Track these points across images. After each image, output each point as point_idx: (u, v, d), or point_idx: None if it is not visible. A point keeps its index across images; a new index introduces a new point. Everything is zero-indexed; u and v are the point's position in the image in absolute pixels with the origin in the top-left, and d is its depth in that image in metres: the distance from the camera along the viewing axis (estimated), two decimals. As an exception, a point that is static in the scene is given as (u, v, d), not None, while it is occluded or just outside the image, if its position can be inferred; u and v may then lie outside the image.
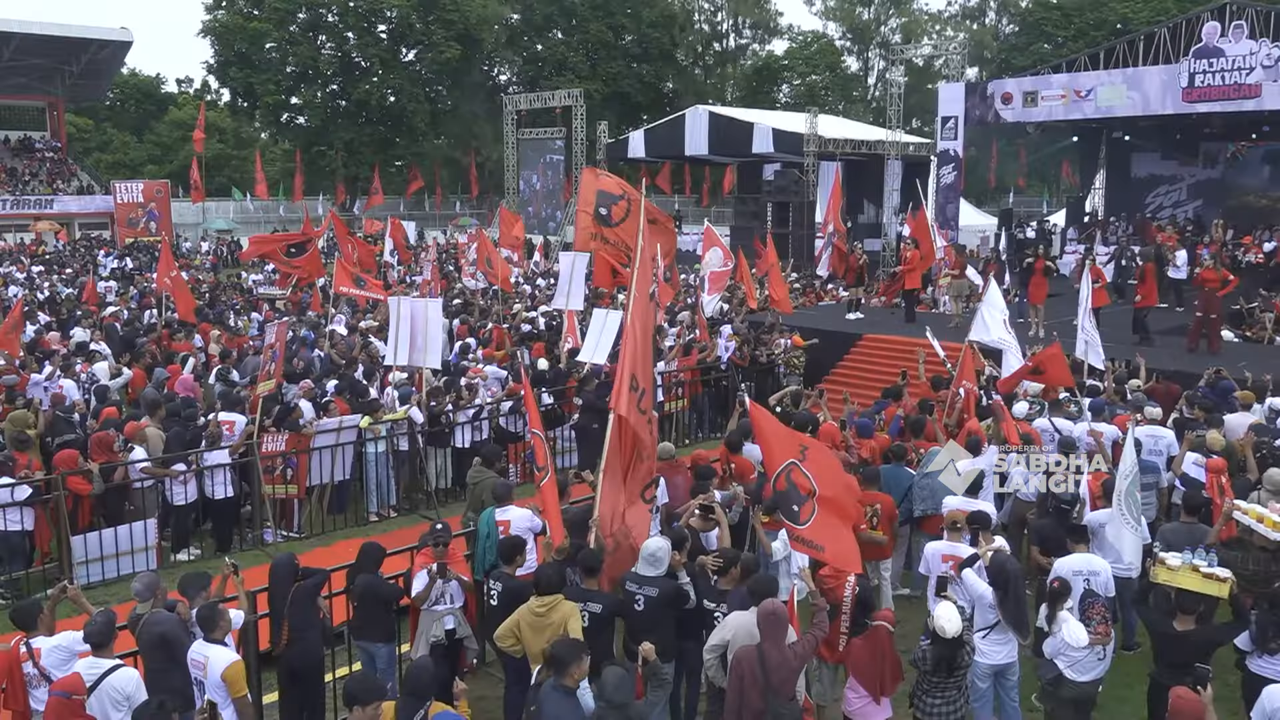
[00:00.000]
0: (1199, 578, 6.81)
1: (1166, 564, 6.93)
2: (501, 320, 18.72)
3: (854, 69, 70.19)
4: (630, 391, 7.44)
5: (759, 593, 6.32)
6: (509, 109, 43.16)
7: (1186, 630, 6.64)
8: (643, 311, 7.89)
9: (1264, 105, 23.40)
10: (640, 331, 7.80)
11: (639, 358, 7.66)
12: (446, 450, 12.90)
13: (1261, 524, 7.42)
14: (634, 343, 7.71)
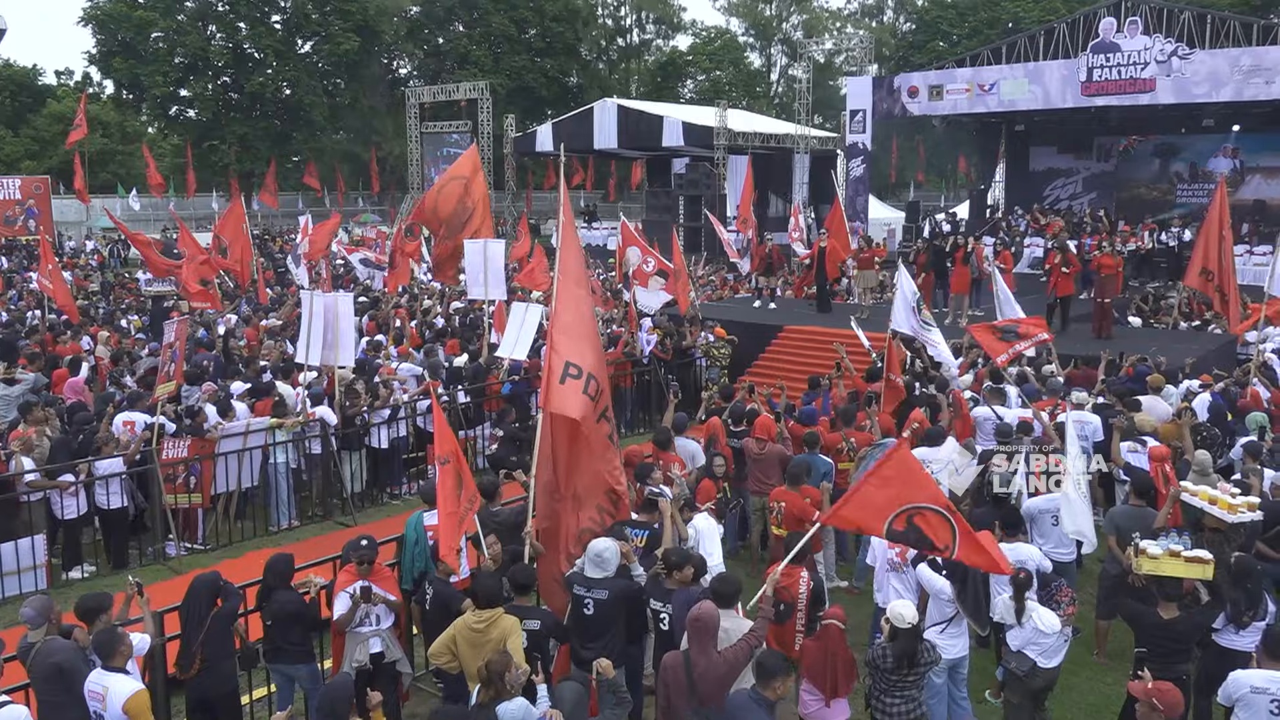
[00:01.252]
0: (1182, 563, 6.74)
1: (1148, 553, 6.84)
2: (413, 317, 18.07)
3: (757, 65, 70.78)
4: (571, 380, 6.94)
5: (725, 594, 6.02)
6: (411, 102, 42.19)
7: (1173, 619, 6.55)
8: (573, 298, 7.43)
9: (1158, 99, 24.22)
10: (575, 318, 7.33)
11: (575, 344, 7.15)
12: (362, 453, 12.28)
13: (1214, 506, 7.41)
14: (566, 330, 7.20)
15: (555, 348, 7.08)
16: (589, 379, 7.00)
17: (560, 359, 7.02)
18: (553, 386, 6.96)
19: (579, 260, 7.91)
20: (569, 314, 7.31)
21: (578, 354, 7.06)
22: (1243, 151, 30.05)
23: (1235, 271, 16.51)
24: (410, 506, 12.00)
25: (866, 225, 28.34)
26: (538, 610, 6.69)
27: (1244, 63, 22.80)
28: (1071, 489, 7.66)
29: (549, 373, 7.02)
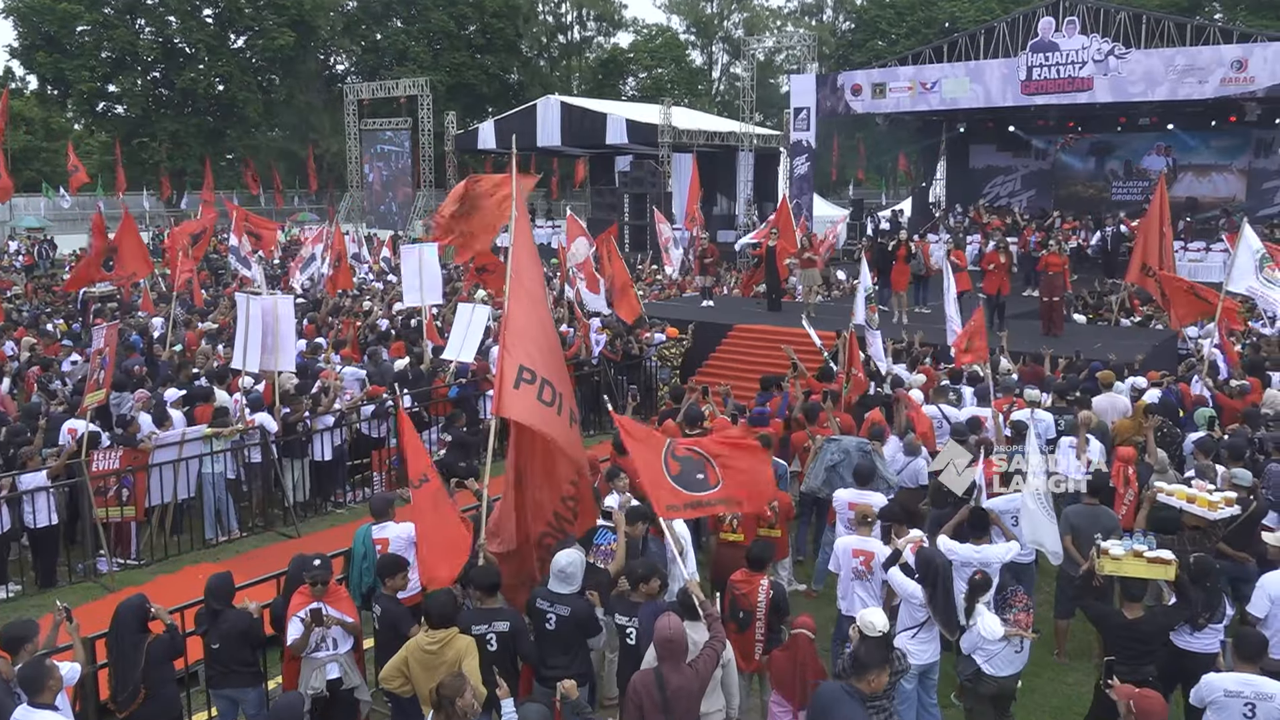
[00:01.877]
0: (1144, 563, 6.71)
1: (1110, 554, 6.79)
2: (355, 319, 17.59)
3: (698, 63, 70.83)
4: (525, 385, 6.64)
5: (691, 605, 5.83)
6: (349, 99, 41.40)
7: (1137, 619, 6.52)
8: (527, 299, 7.11)
9: (1096, 98, 24.58)
10: (529, 320, 7.02)
11: (529, 348, 6.85)
12: (304, 461, 11.86)
13: (1193, 504, 7.39)
14: (519, 333, 6.89)
15: (508, 350, 6.79)
16: (543, 384, 6.71)
17: (513, 363, 6.72)
18: (505, 391, 6.66)
19: (534, 261, 7.61)
20: (523, 316, 7.01)
21: (531, 357, 6.78)
22: (1175, 150, 30.71)
23: (1175, 268, 16.83)
24: (355, 516, 11.68)
25: (812, 223, 28.38)
26: (506, 611, 6.39)
27: (1178, 62, 23.22)
28: (1030, 500, 7.55)
29: (501, 377, 6.72)
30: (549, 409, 6.71)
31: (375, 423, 12.71)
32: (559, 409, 6.77)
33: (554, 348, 7.20)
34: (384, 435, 12.78)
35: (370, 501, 7.81)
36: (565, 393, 6.97)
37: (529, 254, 7.47)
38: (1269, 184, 29.25)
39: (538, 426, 6.69)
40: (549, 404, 6.71)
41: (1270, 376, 12.97)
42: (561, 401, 6.80)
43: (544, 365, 6.80)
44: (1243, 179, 29.76)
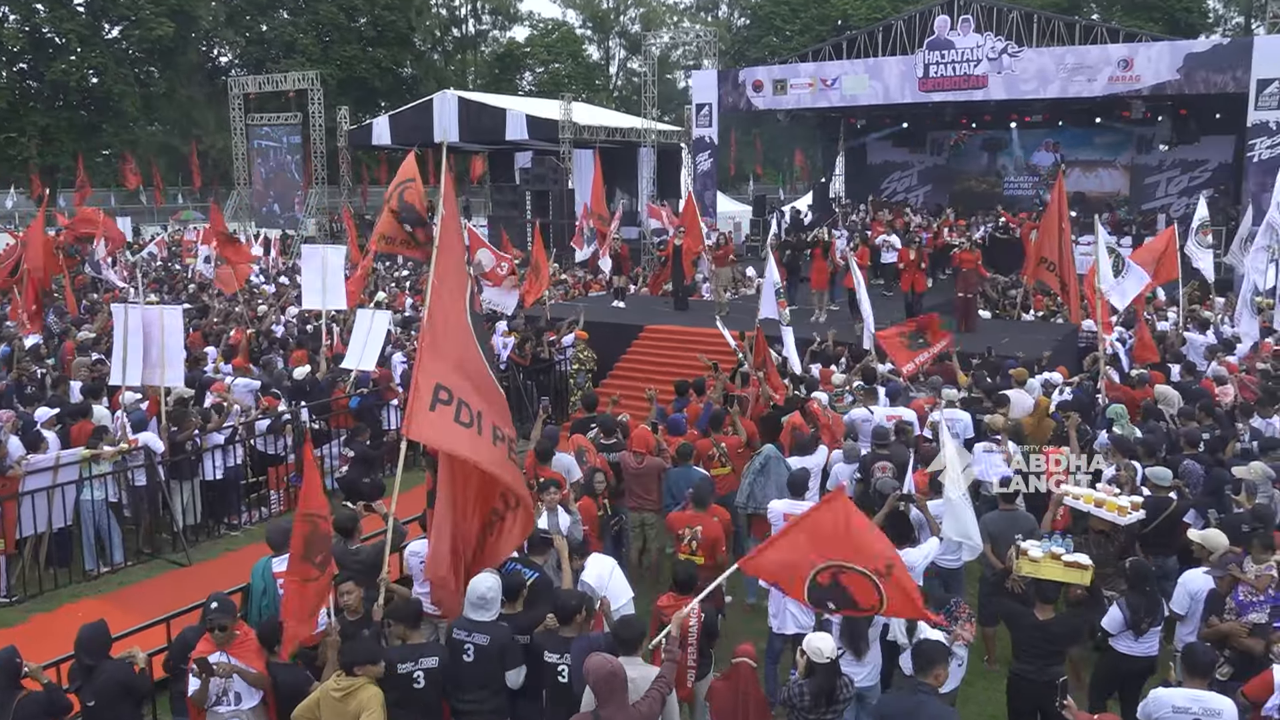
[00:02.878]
0: (1061, 567, 6.67)
1: (1029, 555, 6.70)
2: (247, 325, 16.68)
3: (596, 58, 70.39)
4: (441, 406, 6.12)
5: (629, 639, 5.44)
6: (234, 92, 39.68)
7: (1048, 620, 6.47)
8: (450, 309, 6.53)
9: (991, 95, 25.05)
10: (450, 334, 6.46)
11: (448, 364, 6.31)
12: (194, 481, 11.06)
13: (1102, 508, 7.33)
14: (438, 347, 6.35)
15: (424, 368, 6.23)
16: (460, 405, 6.19)
17: (429, 382, 6.17)
18: (417, 413, 6.11)
19: (460, 266, 6.97)
20: (443, 329, 6.45)
21: (450, 376, 6.25)
22: (1063, 146, 31.63)
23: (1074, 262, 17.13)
24: (252, 539, 10.98)
25: (715, 219, 28.30)
26: (435, 646, 5.96)
27: (1068, 61, 23.81)
28: (953, 490, 7.43)
29: (415, 396, 6.16)
30: (467, 430, 6.18)
31: (272, 438, 11.96)
32: (479, 429, 6.24)
33: (476, 363, 6.59)
34: (281, 451, 12.05)
35: (268, 532, 7.18)
36: (489, 410, 6.43)
37: (455, 260, 6.87)
38: (1150, 179, 30.36)
39: (455, 451, 6.20)
40: (467, 425, 6.18)
41: (1170, 369, 13.26)
42: (481, 421, 6.27)
43: (464, 383, 6.27)
44: (1126, 174, 30.83)
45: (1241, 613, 6.61)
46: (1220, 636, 6.51)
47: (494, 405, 6.57)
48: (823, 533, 5.68)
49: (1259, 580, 6.62)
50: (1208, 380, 12.15)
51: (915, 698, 5.40)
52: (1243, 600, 6.65)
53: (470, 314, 6.67)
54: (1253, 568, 6.71)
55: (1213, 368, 12.70)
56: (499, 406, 6.67)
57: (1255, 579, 6.63)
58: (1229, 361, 13.32)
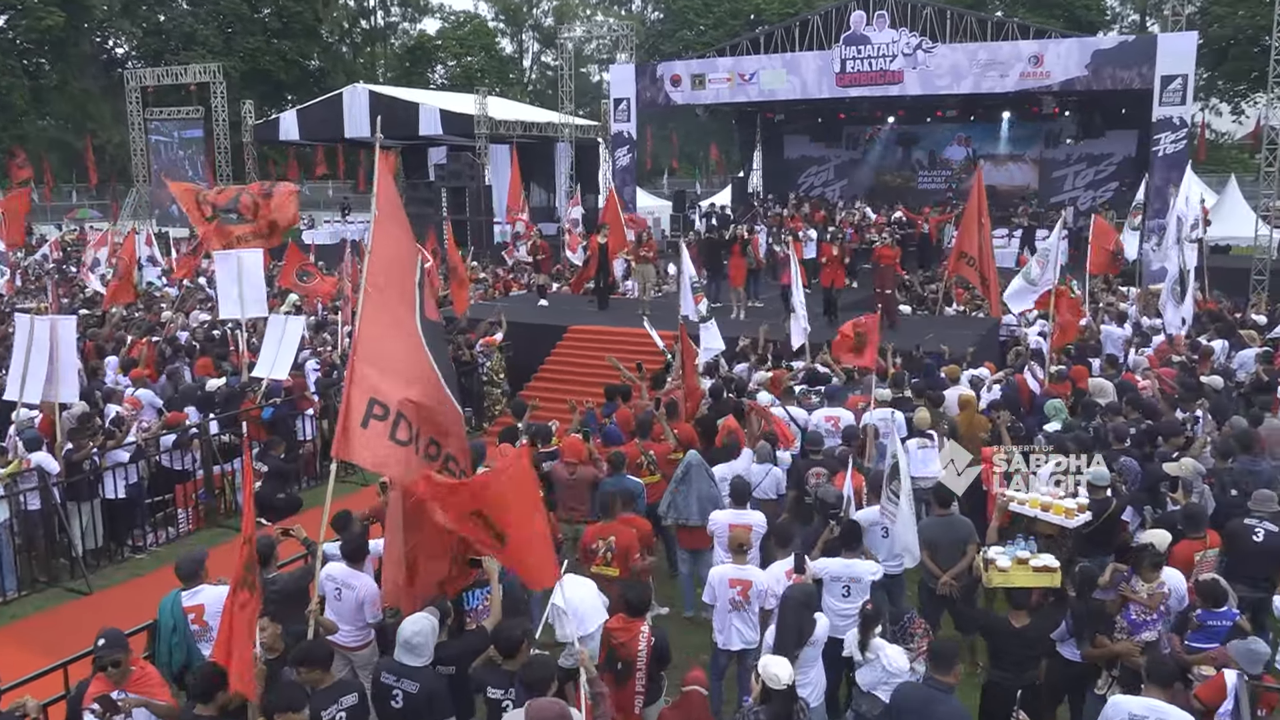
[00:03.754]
0: (1030, 572, 6.57)
1: (998, 565, 6.56)
2: (150, 333, 15.81)
3: (509, 51, 69.51)
4: (375, 422, 5.64)
5: (533, 683, 5.12)
6: (131, 85, 37.95)
7: (1024, 626, 6.39)
8: (386, 315, 5.99)
9: (906, 90, 25.26)
10: (386, 342, 5.93)
11: (385, 376, 5.80)
12: (94, 503, 10.36)
13: (1049, 512, 7.24)
14: (372, 358, 5.83)
15: (356, 380, 5.74)
16: (399, 420, 5.71)
17: (361, 395, 5.69)
18: (349, 430, 5.65)
19: (406, 270, 6.28)
20: (381, 337, 5.92)
21: (388, 388, 5.75)
22: (974, 140, 32.19)
23: (994, 256, 17.31)
24: (158, 561, 10.37)
25: (635, 213, 28.01)
26: (353, 683, 5.59)
27: (981, 57, 24.12)
28: (905, 501, 7.27)
29: (346, 412, 5.70)
30: (403, 449, 5.71)
31: (178, 453, 11.29)
32: (418, 447, 5.78)
33: (424, 374, 6.01)
34: (188, 467, 11.39)
35: (178, 563, 6.64)
36: (434, 429, 5.94)
37: (399, 264, 6.24)
38: (1058, 173, 31.10)
39: (386, 473, 5.79)
40: (404, 443, 5.71)
41: (1091, 364, 13.42)
42: (418, 437, 5.79)
43: (404, 397, 5.77)
44: (1035, 168, 31.52)
45: (1134, 632, 6.53)
46: (1112, 656, 6.43)
47: (442, 422, 6.05)
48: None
49: (1151, 599, 6.55)
50: (1129, 373, 12.29)
51: (928, 691, 5.49)
52: (1135, 619, 6.56)
53: (421, 320, 6.12)
54: (1143, 586, 6.62)
55: (1133, 359, 12.87)
56: (448, 424, 6.12)
57: (1148, 597, 6.56)
58: (1148, 354, 13.55)
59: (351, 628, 6.48)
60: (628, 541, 7.66)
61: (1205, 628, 6.51)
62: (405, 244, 6.42)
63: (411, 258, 6.39)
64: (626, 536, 7.67)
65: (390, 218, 6.31)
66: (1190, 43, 22.28)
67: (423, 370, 6.03)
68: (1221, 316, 16.65)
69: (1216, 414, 10.35)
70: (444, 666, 5.81)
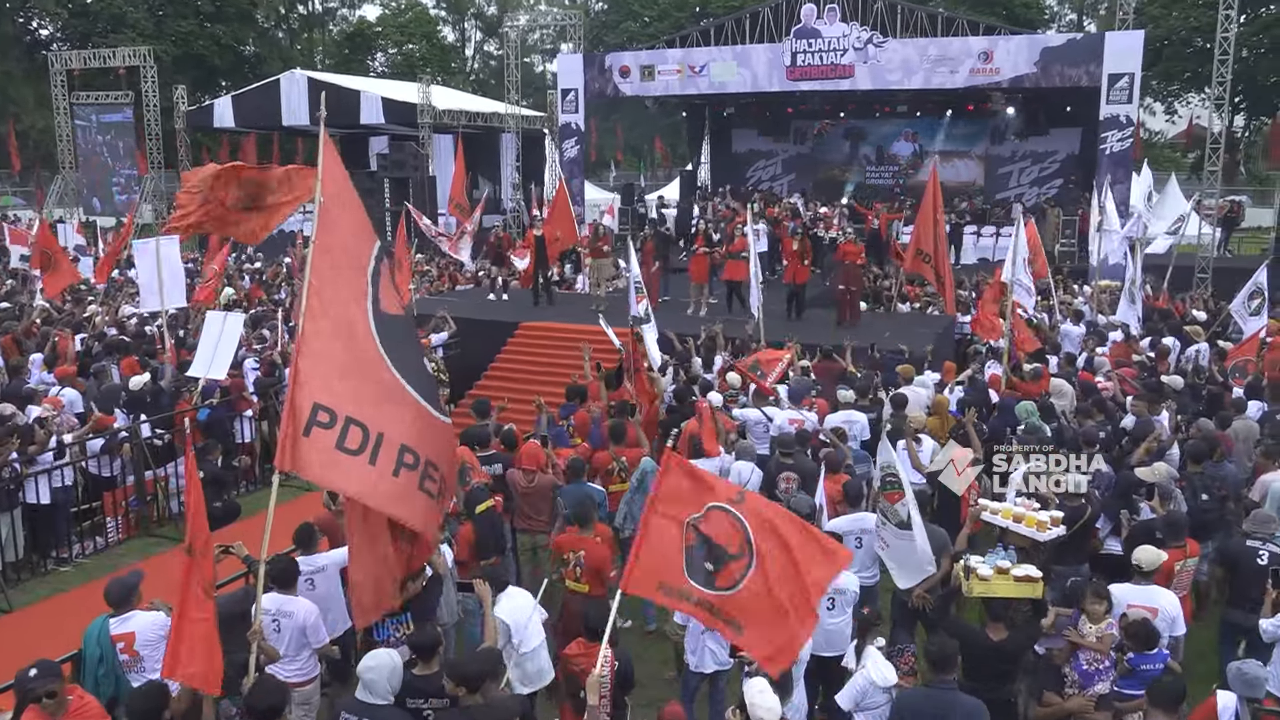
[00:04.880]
0: (1012, 582, 6.24)
1: (979, 574, 6.25)
2: (78, 329, 14.99)
3: (451, 39, 68.36)
4: (319, 430, 5.15)
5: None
6: (56, 68, 36.46)
7: (1003, 639, 6.07)
8: (336, 311, 5.47)
9: (857, 85, 25.13)
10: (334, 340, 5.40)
11: (331, 378, 5.31)
12: (14, 512, 9.67)
13: (1021, 524, 6.99)
14: (317, 356, 5.32)
15: (300, 384, 5.23)
16: (348, 425, 5.21)
17: (306, 399, 5.19)
18: (293, 440, 5.15)
19: (356, 264, 5.72)
20: (323, 333, 5.38)
21: (334, 391, 5.25)
22: (920, 136, 32.23)
23: (949, 253, 17.20)
24: (85, 575, 9.74)
25: (583, 209, 27.57)
26: None
27: (931, 53, 24.06)
28: (915, 511, 6.98)
29: (289, 417, 5.19)
30: (355, 459, 5.22)
31: (106, 458, 10.61)
32: (373, 456, 5.27)
33: (378, 373, 5.49)
34: (116, 474, 10.72)
35: (108, 588, 6.05)
36: (399, 430, 5.44)
37: (345, 252, 5.68)
38: (1003, 169, 31.27)
39: (334, 486, 5.33)
40: (355, 452, 5.22)
41: (1049, 360, 13.32)
42: (380, 446, 5.30)
43: (357, 399, 5.29)
44: (981, 164, 31.65)
45: (1085, 684, 6.11)
46: (1064, 714, 6.11)
47: (408, 423, 5.54)
48: (674, 497, 5.30)
49: (1101, 642, 6.13)
50: (1086, 373, 12.18)
51: (940, 693, 5.37)
52: (1086, 669, 6.14)
53: (374, 316, 5.59)
54: (1091, 629, 6.18)
55: (1095, 360, 12.78)
56: (415, 424, 5.59)
57: (1097, 641, 6.13)
58: (1103, 353, 13.50)
59: (293, 662, 5.96)
60: (601, 558, 7.28)
61: (1137, 672, 6.04)
62: (356, 231, 5.86)
63: (364, 246, 5.85)
64: (600, 553, 7.30)
65: (338, 202, 5.75)
66: (1137, 41, 22.44)
67: (375, 370, 5.51)
68: (1170, 314, 16.77)
69: (1180, 415, 10.27)
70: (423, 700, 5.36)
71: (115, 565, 9.99)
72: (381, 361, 5.55)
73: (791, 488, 8.51)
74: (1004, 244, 27.06)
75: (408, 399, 5.60)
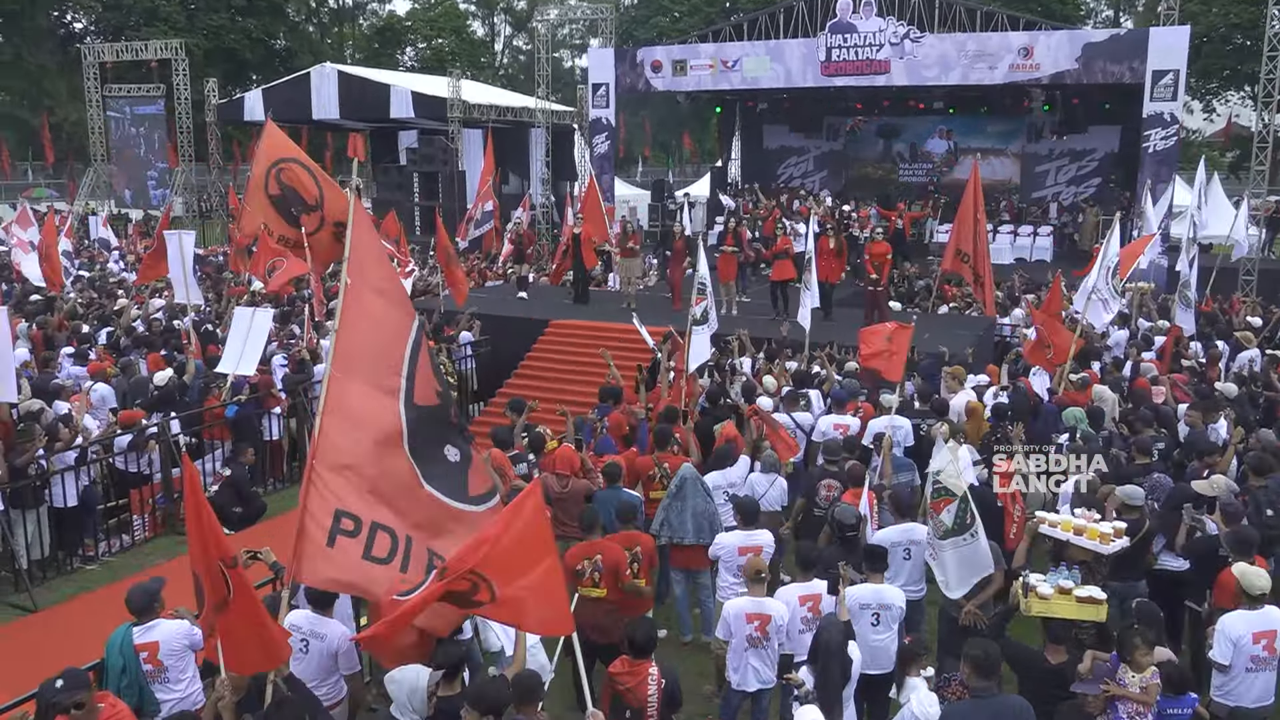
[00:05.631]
0: (1074, 603, 5.87)
1: (1038, 593, 5.91)
2: (106, 322, 14.90)
3: (480, 34, 68.27)
4: (344, 539, 4.63)
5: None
6: (89, 61, 36.61)
7: (1062, 663, 5.76)
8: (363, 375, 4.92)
9: (893, 81, 24.69)
10: (362, 415, 4.84)
11: (358, 467, 4.75)
12: (40, 510, 9.53)
13: (1082, 536, 6.66)
14: (342, 443, 4.76)
15: (315, 488, 4.68)
16: (375, 533, 4.69)
17: (325, 505, 4.64)
18: (309, 550, 4.64)
19: (385, 343, 5.02)
20: (347, 432, 4.76)
21: (360, 495, 4.69)
22: (955, 133, 31.70)
23: (990, 253, 16.80)
24: (111, 574, 9.60)
25: (613, 204, 27.29)
26: None
27: (970, 48, 23.59)
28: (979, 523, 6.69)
29: (303, 527, 4.65)
30: (384, 568, 4.72)
31: (133, 455, 10.47)
32: (405, 563, 4.76)
33: (402, 471, 4.87)
34: (145, 470, 10.58)
35: (129, 595, 5.85)
36: (425, 532, 4.90)
37: (376, 338, 4.97)
38: (1040, 168, 30.68)
39: (368, 596, 4.91)
40: (384, 560, 4.71)
41: (1092, 366, 12.94)
42: (410, 551, 4.78)
43: (381, 500, 4.76)
44: (1018, 162, 31.07)
45: None
46: None
47: (434, 520, 4.99)
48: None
49: (1146, 693, 5.54)
50: (1142, 380, 11.76)
51: (992, 702, 5.11)
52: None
53: (406, 409, 4.95)
54: (1134, 678, 5.57)
55: (1142, 366, 12.36)
56: (439, 519, 5.02)
57: (1142, 692, 5.53)
58: (1150, 359, 13.07)
59: (319, 686, 5.62)
60: (616, 559, 7.04)
61: (1165, 716, 5.61)
62: (391, 315, 5.13)
63: (400, 331, 5.13)
64: (614, 554, 7.06)
65: (367, 279, 5.02)
66: (1183, 37, 21.89)
67: (398, 463, 4.91)
68: (1217, 318, 16.30)
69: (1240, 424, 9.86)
70: None
71: (142, 564, 9.89)
72: (404, 455, 4.95)
73: (834, 495, 8.23)
74: (1041, 244, 26.70)
75: (421, 493, 5.03)
